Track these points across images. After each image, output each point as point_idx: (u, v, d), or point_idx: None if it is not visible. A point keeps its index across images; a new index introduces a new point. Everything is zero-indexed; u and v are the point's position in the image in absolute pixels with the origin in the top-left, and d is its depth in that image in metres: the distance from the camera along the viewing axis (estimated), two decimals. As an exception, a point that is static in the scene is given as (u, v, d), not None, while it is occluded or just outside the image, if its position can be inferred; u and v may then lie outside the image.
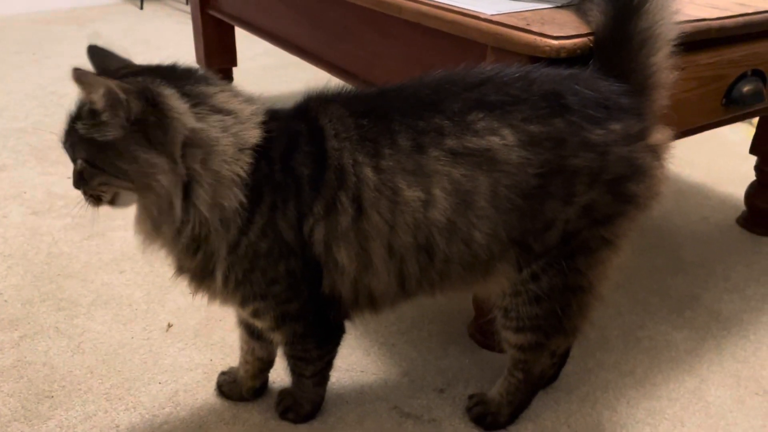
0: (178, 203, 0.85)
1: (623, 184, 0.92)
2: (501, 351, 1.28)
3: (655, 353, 1.31)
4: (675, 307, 1.44)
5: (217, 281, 0.93)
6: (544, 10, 1.09)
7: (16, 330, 1.31)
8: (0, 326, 1.32)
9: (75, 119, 0.85)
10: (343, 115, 0.91)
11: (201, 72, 0.92)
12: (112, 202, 0.90)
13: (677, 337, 1.35)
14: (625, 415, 1.16)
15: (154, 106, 0.81)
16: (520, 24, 1.00)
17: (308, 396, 1.12)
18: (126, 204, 0.90)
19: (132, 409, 1.13)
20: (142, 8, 3.89)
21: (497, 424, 1.12)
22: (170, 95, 0.83)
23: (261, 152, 0.88)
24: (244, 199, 0.87)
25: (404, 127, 0.89)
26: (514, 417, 1.13)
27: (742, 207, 1.79)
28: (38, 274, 1.48)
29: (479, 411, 1.13)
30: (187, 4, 3.91)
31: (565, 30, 0.98)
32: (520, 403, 1.13)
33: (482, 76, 0.92)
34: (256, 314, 0.98)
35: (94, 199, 0.89)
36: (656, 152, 0.94)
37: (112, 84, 0.79)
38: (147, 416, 1.12)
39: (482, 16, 1.05)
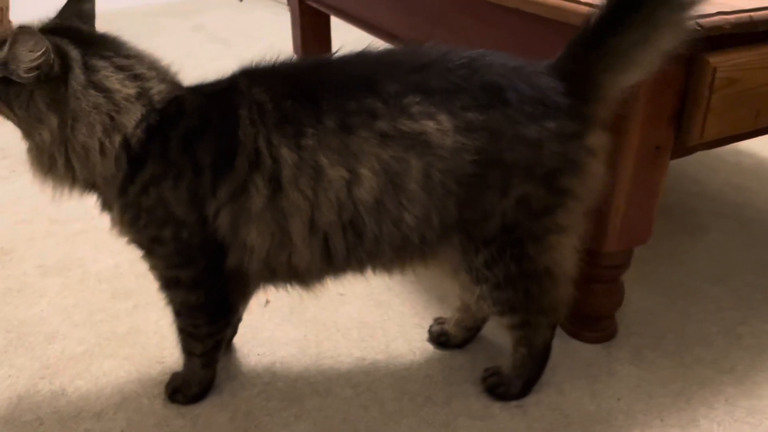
0: (60, 160, 0.93)
1: (557, 178, 0.93)
2: (590, 341, 1.27)
3: (757, 351, 1.25)
4: (781, 305, 1.37)
5: (116, 216, 0.99)
6: (648, -7, 1.06)
7: (130, 300, 1.42)
8: (116, 296, 1.43)
9: None
10: (264, 101, 0.92)
11: (108, 40, 0.97)
12: None
13: (783, 336, 1.29)
14: (722, 412, 1.12)
15: (65, 70, 0.89)
16: (623, 8, 0.98)
17: (197, 377, 1.14)
18: None
19: (233, 378, 1.21)
20: (241, 0, 4.04)
21: (509, 395, 1.15)
22: (77, 64, 0.90)
23: (160, 130, 0.93)
24: (123, 165, 0.93)
25: (333, 107, 0.90)
26: (526, 389, 1.15)
27: None
28: (149, 249, 1.59)
29: (493, 382, 1.16)
30: (283, -5, 4.03)
31: (670, 13, 0.95)
32: (530, 375, 1.15)
33: (426, 59, 0.93)
34: (150, 269, 1.04)
35: None
36: (592, 151, 0.94)
37: (51, 46, 0.86)
38: (247, 384, 1.19)
39: (585, 0, 1.03)
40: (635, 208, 1.11)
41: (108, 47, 0.95)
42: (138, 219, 0.97)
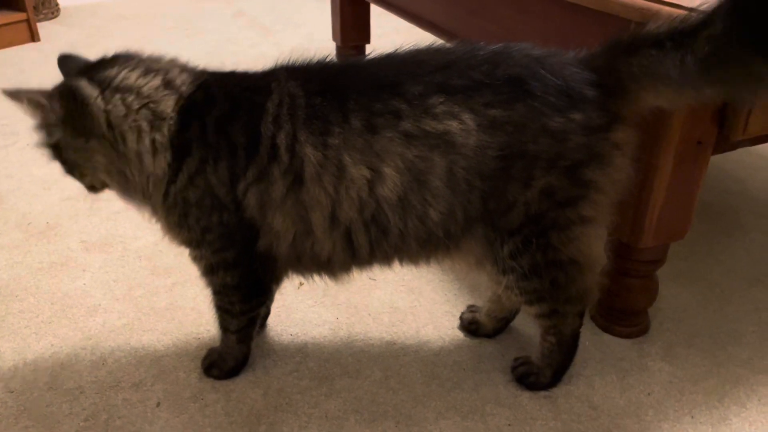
0: (130, 172, 0.97)
1: (581, 170, 0.93)
2: (622, 336, 1.27)
3: (794, 353, 1.23)
4: (822, 308, 1.34)
5: (162, 221, 1.04)
6: (695, -15, 1.05)
7: (169, 277, 1.46)
8: (156, 272, 1.47)
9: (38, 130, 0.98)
10: (296, 95, 0.95)
11: (117, 56, 1.00)
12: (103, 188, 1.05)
13: (822, 339, 1.26)
14: (755, 412, 1.11)
15: (74, 99, 0.93)
16: (669, -1, 0.97)
17: (232, 352, 1.17)
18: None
19: (266, 356, 1.24)
20: (282, -13, 4.07)
21: (539, 385, 1.16)
22: (83, 85, 0.94)
23: (194, 115, 0.96)
24: (170, 160, 0.96)
25: (359, 107, 0.92)
26: (555, 379, 1.16)
27: None
28: (188, 229, 1.63)
29: (523, 371, 1.17)
30: (323, -17, 4.03)
31: (717, 5, 0.94)
32: (559, 364, 1.15)
33: (449, 57, 0.94)
34: (194, 259, 1.08)
35: (90, 188, 1.04)
36: (618, 145, 0.93)
37: (32, 93, 0.92)
38: (279, 362, 1.22)
39: (627, -10, 1.02)
40: (673, 203, 1.10)
41: (116, 61, 1.00)
42: (186, 217, 1.01)
